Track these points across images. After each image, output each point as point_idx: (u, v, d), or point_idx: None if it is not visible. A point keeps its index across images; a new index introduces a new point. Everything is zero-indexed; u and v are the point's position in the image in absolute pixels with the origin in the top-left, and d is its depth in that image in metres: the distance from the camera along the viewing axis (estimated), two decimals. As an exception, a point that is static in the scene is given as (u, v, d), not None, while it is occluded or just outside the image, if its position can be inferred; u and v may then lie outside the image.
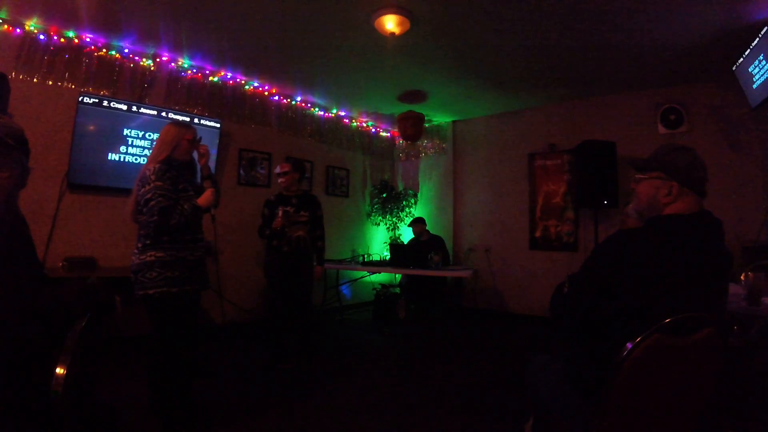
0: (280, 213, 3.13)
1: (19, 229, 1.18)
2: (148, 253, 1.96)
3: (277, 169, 3.37)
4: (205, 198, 2.10)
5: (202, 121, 4.07)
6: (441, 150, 6.08)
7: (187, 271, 2.03)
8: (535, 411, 1.67)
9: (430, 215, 5.93)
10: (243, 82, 4.49)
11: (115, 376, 2.76)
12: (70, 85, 3.40)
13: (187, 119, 3.89)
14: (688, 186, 1.22)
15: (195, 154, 2.21)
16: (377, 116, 5.85)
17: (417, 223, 5.04)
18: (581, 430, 1.26)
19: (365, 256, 5.16)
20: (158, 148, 2.08)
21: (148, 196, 1.92)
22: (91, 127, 3.45)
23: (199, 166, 2.24)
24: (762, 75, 3.11)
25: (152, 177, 1.94)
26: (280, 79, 4.54)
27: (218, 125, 4.19)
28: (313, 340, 3.50)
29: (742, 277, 2.09)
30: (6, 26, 3.14)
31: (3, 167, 1.11)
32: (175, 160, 2.08)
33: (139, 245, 2.00)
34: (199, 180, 2.26)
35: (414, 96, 4.91)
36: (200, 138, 2.21)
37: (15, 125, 1.17)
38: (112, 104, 3.54)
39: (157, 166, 1.98)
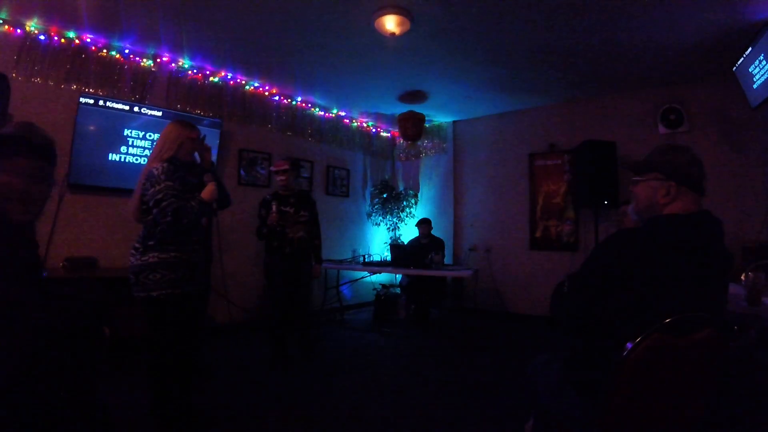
0: (274, 208, 3.11)
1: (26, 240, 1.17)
2: (150, 254, 1.92)
3: (274, 168, 3.32)
4: (208, 191, 2.06)
5: (203, 121, 4.08)
6: (441, 150, 6.08)
7: (189, 272, 2.01)
8: (535, 411, 1.66)
9: (431, 215, 5.91)
10: (243, 82, 4.49)
11: (114, 377, 2.76)
12: (70, 86, 3.40)
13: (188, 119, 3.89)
14: (686, 185, 1.22)
15: (197, 156, 2.17)
16: (377, 116, 5.85)
17: (424, 224, 5.03)
18: (581, 430, 1.26)
19: (365, 256, 5.16)
20: (161, 146, 2.03)
21: (159, 196, 1.88)
22: (92, 128, 3.45)
23: (202, 165, 2.20)
24: (762, 75, 3.11)
25: (162, 176, 1.91)
26: (281, 79, 4.54)
27: (218, 125, 4.19)
28: (313, 340, 3.50)
29: (742, 277, 2.09)
30: (6, 27, 3.14)
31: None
32: (179, 160, 2.04)
33: (138, 246, 1.96)
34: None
35: (414, 96, 4.91)
36: (204, 137, 2.19)
37: (45, 135, 1.17)
38: (112, 104, 3.54)
39: (165, 165, 1.95)
